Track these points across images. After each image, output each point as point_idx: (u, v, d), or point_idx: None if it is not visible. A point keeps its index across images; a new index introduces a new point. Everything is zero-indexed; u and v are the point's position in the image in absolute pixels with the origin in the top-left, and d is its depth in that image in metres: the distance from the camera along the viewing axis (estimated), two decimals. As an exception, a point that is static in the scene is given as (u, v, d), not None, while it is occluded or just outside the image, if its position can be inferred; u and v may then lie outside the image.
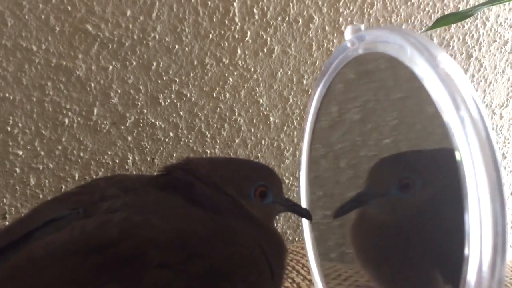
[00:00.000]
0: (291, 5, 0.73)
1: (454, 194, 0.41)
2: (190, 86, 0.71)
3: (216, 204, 0.38)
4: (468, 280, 0.28)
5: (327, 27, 0.77)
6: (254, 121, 0.77)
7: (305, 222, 0.53)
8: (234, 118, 0.75)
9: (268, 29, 0.73)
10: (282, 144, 0.80)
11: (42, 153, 0.65)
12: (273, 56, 0.74)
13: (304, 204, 0.53)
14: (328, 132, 0.53)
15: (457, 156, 0.29)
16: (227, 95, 0.73)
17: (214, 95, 0.72)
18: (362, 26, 0.43)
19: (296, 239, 0.87)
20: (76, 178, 0.67)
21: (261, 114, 0.77)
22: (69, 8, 0.61)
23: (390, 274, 0.45)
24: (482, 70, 0.91)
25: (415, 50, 0.34)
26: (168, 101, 0.70)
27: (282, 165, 0.81)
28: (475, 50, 0.89)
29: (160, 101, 0.69)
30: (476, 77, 0.91)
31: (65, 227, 0.32)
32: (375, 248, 0.46)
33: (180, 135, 0.72)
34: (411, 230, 0.43)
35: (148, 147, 0.71)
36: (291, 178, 0.83)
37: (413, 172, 0.42)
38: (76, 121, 0.65)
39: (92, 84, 0.65)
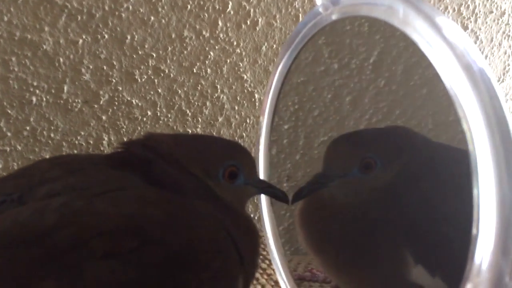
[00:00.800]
0: (275, -27, 0.69)
1: (422, 172, 0.39)
2: (168, 61, 0.66)
3: (178, 185, 0.34)
4: (477, 260, 0.25)
5: (314, -3, 0.72)
6: (238, 98, 0.72)
7: (264, 212, 0.49)
8: (216, 95, 0.71)
9: (251, -1, 0.68)
10: (268, 123, 0.76)
11: (9, 134, 0.60)
12: (257, 29, 0.70)
13: None
14: (293, 107, 0.49)
15: (464, 125, 0.26)
16: (209, 70, 0.69)
17: (195, 71, 0.68)
18: None
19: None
20: (47, 160, 0.63)
21: (246, 90, 0.72)
22: (32, -24, 0.56)
23: (350, 259, 0.42)
24: (478, 42, 0.87)
25: (410, 10, 0.30)
26: (145, 77, 0.65)
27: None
28: (470, 22, 0.85)
29: (136, 77, 0.65)
30: (472, 50, 0.87)
31: None
32: (333, 233, 0.43)
33: (159, 114, 0.68)
34: (375, 211, 0.40)
35: (125, 127, 0.66)
36: (279, 159, 0.79)
37: (375, 152, 0.40)
38: (44, 99, 0.61)
39: (61, 59, 0.60)
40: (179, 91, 0.68)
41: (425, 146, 0.41)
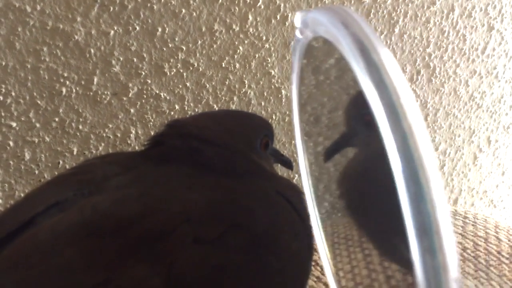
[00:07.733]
0: (306, -32, 0.68)
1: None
2: (197, 54, 0.65)
3: (233, 167, 0.34)
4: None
5: (344, -7, 0.71)
6: (265, 94, 0.72)
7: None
8: (244, 90, 0.70)
9: (282, -6, 0.68)
10: (293, 119, 0.75)
11: (38, 125, 0.60)
12: (287, 24, 0.69)
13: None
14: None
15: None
16: (237, 65, 0.68)
17: (223, 65, 0.67)
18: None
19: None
20: (75, 152, 0.62)
21: (273, 86, 0.72)
22: (67, -35, 0.55)
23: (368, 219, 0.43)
24: (503, 43, 0.87)
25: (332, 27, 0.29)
26: (174, 70, 0.65)
27: (293, 141, 0.77)
28: (497, 22, 0.84)
29: (165, 70, 0.64)
30: (497, 50, 0.87)
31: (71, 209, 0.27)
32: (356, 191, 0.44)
33: (186, 108, 0.67)
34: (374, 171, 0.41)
35: (152, 120, 0.66)
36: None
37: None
38: (74, 90, 0.60)
39: (92, 51, 0.59)
40: (207, 86, 0.67)
41: None
